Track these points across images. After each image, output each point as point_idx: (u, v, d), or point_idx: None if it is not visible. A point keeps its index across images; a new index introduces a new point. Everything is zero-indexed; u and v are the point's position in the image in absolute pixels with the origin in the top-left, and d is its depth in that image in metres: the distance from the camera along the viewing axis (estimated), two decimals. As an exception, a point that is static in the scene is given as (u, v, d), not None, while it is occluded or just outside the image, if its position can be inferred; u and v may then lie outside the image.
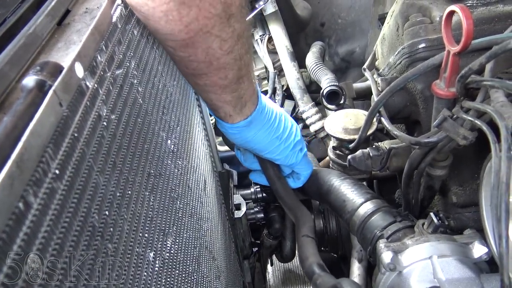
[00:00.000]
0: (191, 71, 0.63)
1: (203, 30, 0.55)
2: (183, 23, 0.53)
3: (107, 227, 0.38)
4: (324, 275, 0.66)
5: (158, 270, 0.48)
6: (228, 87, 0.66)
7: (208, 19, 0.54)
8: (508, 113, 0.54)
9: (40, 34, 0.43)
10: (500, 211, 0.46)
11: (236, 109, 0.71)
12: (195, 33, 0.55)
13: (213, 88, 0.66)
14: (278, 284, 1.28)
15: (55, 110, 0.33)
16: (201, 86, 0.66)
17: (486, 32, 0.75)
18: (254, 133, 0.77)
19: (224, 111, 0.72)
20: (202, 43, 0.57)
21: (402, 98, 0.89)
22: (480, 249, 0.64)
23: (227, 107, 0.70)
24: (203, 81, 0.64)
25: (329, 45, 1.74)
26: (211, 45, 0.58)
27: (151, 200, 0.50)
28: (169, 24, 0.54)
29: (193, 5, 0.52)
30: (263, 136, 0.79)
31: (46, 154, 0.30)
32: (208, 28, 0.55)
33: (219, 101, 0.69)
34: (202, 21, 0.54)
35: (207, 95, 0.68)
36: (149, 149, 0.52)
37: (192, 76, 0.64)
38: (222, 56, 0.60)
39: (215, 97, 0.68)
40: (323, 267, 0.68)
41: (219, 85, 0.65)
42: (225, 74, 0.63)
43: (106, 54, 0.45)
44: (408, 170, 0.78)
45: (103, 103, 0.42)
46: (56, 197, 0.30)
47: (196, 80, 0.65)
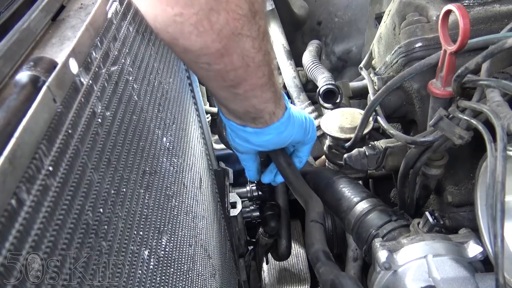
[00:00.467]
0: (230, 83, 0.61)
1: (235, 33, 0.54)
2: (215, 31, 0.52)
3: (101, 225, 0.37)
4: (328, 263, 0.64)
5: (153, 268, 0.48)
6: (267, 83, 0.65)
7: (237, 20, 0.53)
8: (504, 113, 0.54)
9: (34, 29, 0.43)
10: (495, 210, 0.46)
11: (277, 104, 0.70)
12: (228, 38, 0.54)
13: (254, 91, 0.64)
14: (274, 282, 1.28)
15: (48, 106, 0.32)
16: (242, 95, 0.64)
17: (482, 32, 0.75)
18: (293, 122, 0.75)
19: (268, 112, 0.69)
20: (236, 48, 0.56)
21: (398, 97, 0.90)
22: (475, 248, 0.64)
23: (270, 105, 0.69)
24: (243, 87, 0.62)
25: (325, 44, 1.74)
26: (244, 46, 0.56)
27: (146, 198, 0.50)
28: (200, 36, 0.52)
29: (221, 9, 0.51)
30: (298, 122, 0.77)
31: (39, 150, 0.30)
32: (238, 29, 0.54)
33: (262, 103, 0.67)
34: (232, 24, 0.53)
35: (249, 102, 0.66)
36: (144, 147, 0.52)
37: (232, 87, 0.62)
38: (256, 55, 0.59)
39: (257, 100, 0.66)
40: (328, 255, 0.67)
41: (260, 85, 0.64)
42: (262, 72, 0.62)
43: (101, 51, 0.45)
44: (403, 169, 0.78)
45: (97, 100, 0.41)
46: (50, 194, 0.30)
47: (236, 91, 0.63)
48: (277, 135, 0.74)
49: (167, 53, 0.74)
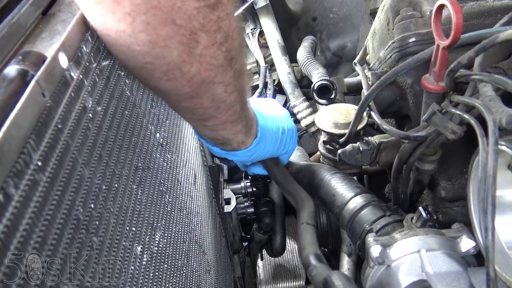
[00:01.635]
0: (199, 117, 0.62)
1: (206, 80, 0.54)
2: (185, 78, 0.52)
3: (92, 220, 0.37)
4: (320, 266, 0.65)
5: (146, 263, 0.48)
6: (238, 119, 0.65)
7: (210, 70, 0.53)
8: (496, 107, 0.54)
9: (24, 23, 0.42)
10: (486, 204, 0.46)
11: (247, 134, 0.71)
12: (198, 85, 0.53)
13: (224, 126, 0.65)
14: (269, 278, 1.28)
15: (37, 100, 0.32)
16: (211, 127, 0.65)
17: (476, 27, 0.75)
18: (265, 143, 0.77)
19: (236, 141, 0.71)
20: (206, 93, 0.56)
21: (392, 93, 0.90)
22: (467, 243, 0.64)
23: (239, 136, 0.70)
24: (213, 122, 0.63)
25: (320, 40, 1.74)
26: (215, 91, 0.57)
27: (139, 193, 0.50)
28: (170, 82, 0.52)
29: (194, 61, 0.50)
30: (272, 140, 0.79)
31: (27, 145, 0.30)
32: (211, 78, 0.54)
33: (230, 135, 0.68)
34: (205, 73, 0.53)
35: (218, 133, 0.67)
36: (136, 142, 0.52)
37: (201, 120, 0.63)
38: (228, 97, 0.59)
39: (226, 132, 0.67)
40: (319, 257, 0.67)
41: (230, 121, 0.64)
42: (233, 110, 0.63)
43: (91, 45, 0.44)
44: (397, 164, 0.78)
45: (88, 95, 0.41)
46: (39, 189, 0.30)
47: (205, 123, 0.64)
48: (245, 158, 0.77)
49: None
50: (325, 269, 0.63)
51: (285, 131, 0.82)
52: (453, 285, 0.60)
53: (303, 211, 0.77)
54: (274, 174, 0.87)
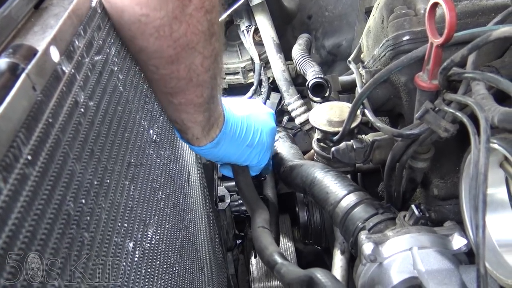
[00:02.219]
0: (169, 90, 0.64)
1: (189, 45, 0.57)
2: (172, 38, 0.55)
3: (83, 216, 0.37)
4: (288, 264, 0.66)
5: (138, 260, 0.48)
6: (202, 105, 0.67)
7: (195, 35, 0.56)
8: (488, 106, 0.54)
9: (16, 17, 0.42)
10: (478, 201, 0.46)
11: (204, 132, 0.73)
12: (182, 48, 0.56)
13: (188, 107, 0.67)
14: (262, 276, 1.28)
15: (28, 94, 0.32)
16: (175, 105, 0.67)
17: (469, 26, 0.75)
18: (224, 150, 0.79)
19: (192, 133, 0.73)
20: (186, 59, 0.59)
21: (386, 91, 0.90)
22: (459, 240, 0.65)
23: (197, 128, 0.72)
24: (179, 99, 0.65)
25: (315, 38, 1.74)
26: (194, 61, 0.60)
27: (131, 189, 0.49)
28: (159, 40, 0.54)
29: (184, 21, 0.54)
30: (233, 150, 0.81)
31: (17, 139, 0.29)
32: (193, 43, 0.57)
33: (190, 122, 0.70)
34: (190, 37, 0.56)
35: (179, 115, 0.69)
36: (129, 138, 0.51)
37: (169, 95, 0.65)
38: (202, 73, 0.62)
39: (187, 117, 0.69)
40: (283, 256, 0.69)
41: (194, 103, 0.66)
42: (201, 91, 0.65)
43: (84, 39, 0.44)
44: (390, 162, 0.79)
45: (80, 89, 0.41)
46: (28, 183, 0.30)
47: (171, 99, 0.65)
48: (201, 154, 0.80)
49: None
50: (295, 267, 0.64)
51: (253, 145, 0.84)
52: (445, 283, 0.60)
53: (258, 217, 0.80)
54: (238, 180, 0.90)
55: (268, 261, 0.69)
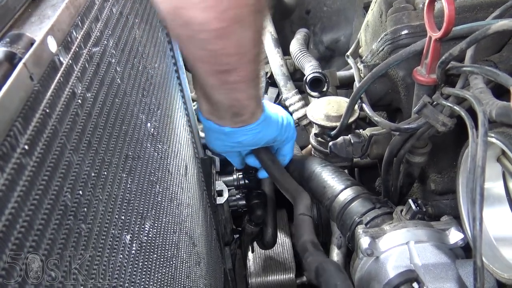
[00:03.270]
0: (221, 67, 0.62)
1: (237, 18, 0.55)
2: (219, 10, 0.53)
3: (80, 207, 0.37)
4: (315, 253, 0.66)
5: (135, 253, 0.48)
6: (255, 79, 0.66)
7: (243, 7, 0.55)
8: (486, 100, 0.54)
9: (13, 7, 0.41)
10: (475, 194, 0.46)
11: (258, 104, 0.72)
12: (229, 21, 0.55)
13: (243, 84, 0.65)
14: (259, 271, 1.29)
15: (25, 83, 0.31)
16: (231, 84, 0.64)
17: (468, 20, 0.75)
18: (269, 123, 0.78)
19: (249, 111, 0.72)
20: (235, 33, 0.57)
21: (384, 85, 0.90)
22: (456, 235, 0.65)
23: (253, 103, 0.71)
24: (234, 76, 0.63)
25: (314, 33, 1.73)
26: (243, 34, 0.58)
27: (129, 182, 0.49)
28: (205, 11, 0.53)
29: None
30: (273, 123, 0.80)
31: (14, 128, 0.29)
32: (241, 17, 0.55)
33: (246, 99, 0.68)
34: (238, 10, 0.54)
35: (235, 95, 0.67)
36: (127, 131, 0.51)
37: (222, 73, 0.63)
38: (252, 48, 0.60)
39: (243, 95, 0.67)
40: (316, 245, 0.69)
41: (248, 79, 0.65)
42: (253, 67, 0.63)
43: (82, 31, 0.44)
44: (388, 156, 0.79)
45: (78, 80, 0.40)
46: (25, 173, 0.29)
47: (226, 78, 0.63)
48: (253, 136, 0.77)
49: (153, 37, 0.73)
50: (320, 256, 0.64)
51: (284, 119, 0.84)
52: (441, 277, 0.60)
53: (300, 203, 0.79)
54: (272, 171, 0.89)
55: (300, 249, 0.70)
